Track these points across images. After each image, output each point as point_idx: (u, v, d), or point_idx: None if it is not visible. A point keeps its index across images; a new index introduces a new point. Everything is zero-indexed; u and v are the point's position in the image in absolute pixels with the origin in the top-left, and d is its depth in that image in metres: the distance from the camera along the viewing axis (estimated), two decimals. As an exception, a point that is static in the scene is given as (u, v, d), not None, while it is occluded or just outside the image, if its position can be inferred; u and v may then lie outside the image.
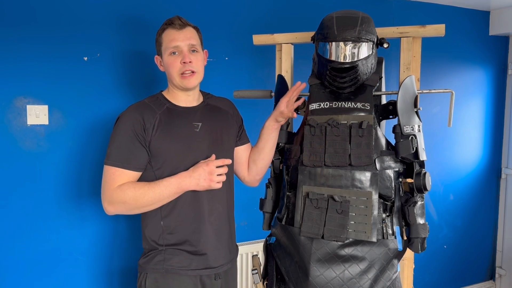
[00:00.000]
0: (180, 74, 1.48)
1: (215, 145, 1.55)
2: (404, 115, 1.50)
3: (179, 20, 1.49)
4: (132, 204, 1.41)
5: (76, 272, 2.00)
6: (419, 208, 1.48)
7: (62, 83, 1.91)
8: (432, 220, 3.02)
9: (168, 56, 1.48)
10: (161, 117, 1.48)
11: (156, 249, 1.49)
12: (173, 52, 1.48)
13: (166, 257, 1.48)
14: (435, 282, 3.11)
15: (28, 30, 1.83)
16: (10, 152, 1.85)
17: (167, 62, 1.49)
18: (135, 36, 2.04)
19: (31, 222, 1.90)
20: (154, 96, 1.56)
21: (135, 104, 1.52)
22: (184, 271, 1.48)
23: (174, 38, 1.47)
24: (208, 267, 1.51)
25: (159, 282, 1.48)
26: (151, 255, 1.50)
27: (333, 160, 1.45)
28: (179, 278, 1.48)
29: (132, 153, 1.43)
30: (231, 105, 1.71)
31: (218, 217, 1.54)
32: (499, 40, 3.15)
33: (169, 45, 1.47)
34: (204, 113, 1.58)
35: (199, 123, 1.54)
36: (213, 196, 1.52)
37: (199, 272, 1.49)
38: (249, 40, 1.84)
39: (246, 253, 2.35)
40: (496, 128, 3.24)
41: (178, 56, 1.48)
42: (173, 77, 1.49)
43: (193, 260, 1.49)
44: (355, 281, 1.41)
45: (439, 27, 1.58)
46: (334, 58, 1.45)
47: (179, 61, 1.48)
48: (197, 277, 1.49)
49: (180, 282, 1.48)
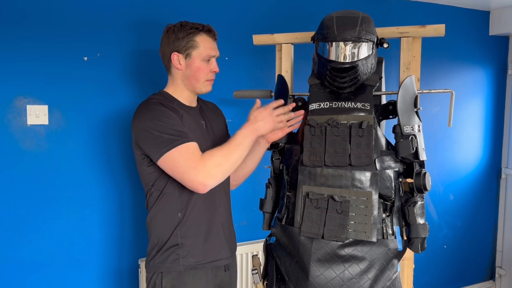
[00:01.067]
0: (207, 80, 1.56)
1: (217, 144, 1.57)
2: (404, 115, 1.50)
3: (214, 30, 1.56)
4: (225, 164, 1.42)
5: (76, 272, 2.00)
6: (419, 208, 1.48)
7: (62, 83, 1.91)
8: (432, 220, 3.02)
9: (201, 61, 1.53)
10: (178, 111, 1.51)
11: (171, 246, 1.50)
12: (208, 59, 1.54)
13: (181, 254, 1.50)
14: (435, 282, 3.11)
15: (28, 30, 1.83)
16: (10, 152, 1.85)
17: (199, 66, 1.53)
18: (136, 36, 2.04)
19: (31, 222, 1.90)
20: (159, 94, 1.58)
21: (152, 96, 1.54)
22: (200, 265, 1.51)
23: (213, 47, 1.56)
24: (220, 259, 1.57)
25: (176, 280, 1.50)
26: (165, 253, 1.50)
27: (333, 160, 1.45)
28: (196, 273, 1.51)
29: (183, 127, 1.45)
30: (217, 107, 1.79)
31: (225, 211, 1.62)
32: (499, 40, 3.15)
33: (208, 52, 1.53)
34: (204, 113, 1.64)
35: (203, 122, 1.60)
36: (220, 189, 1.57)
37: (213, 264, 1.54)
38: (249, 40, 1.84)
39: (246, 253, 2.35)
40: (496, 128, 3.24)
41: (210, 64, 1.56)
42: (198, 81, 1.54)
43: (208, 253, 1.53)
44: (355, 281, 1.41)
45: (439, 27, 1.58)
46: (334, 58, 1.45)
47: (209, 68, 1.55)
48: (213, 270, 1.55)
49: (197, 278, 1.51)
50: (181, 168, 1.39)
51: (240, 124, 2.30)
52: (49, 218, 1.93)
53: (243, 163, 1.66)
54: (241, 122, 2.27)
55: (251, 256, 2.34)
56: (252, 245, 2.37)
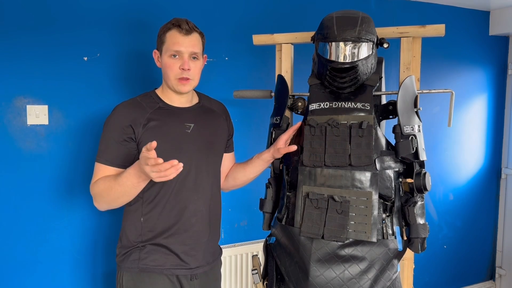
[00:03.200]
0: (176, 78, 1.48)
1: (205, 147, 1.56)
2: (404, 115, 1.50)
3: (187, 24, 1.47)
4: (105, 196, 1.43)
5: (76, 272, 2.00)
6: (419, 208, 1.48)
7: (62, 83, 1.91)
8: (432, 220, 3.02)
9: (168, 58, 1.48)
10: (152, 116, 1.49)
11: (133, 246, 1.50)
12: (174, 55, 1.47)
13: (141, 256, 1.49)
14: (435, 282, 3.11)
15: (28, 30, 1.83)
16: (10, 152, 1.85)
17: (166, 63, 1.49)
18: (135, 36, 2.04)
19: (31, 222, 1.90)
20: (148, 94, 1.57)
21: (126, 101, 1.54)
22: (159, 269, 1.48)
23: (178, 42, 1.46)
24: (183, 268, 1.51)
25: (135, 280, 1.49)
26: (127, 253, 1.50)
27: (333, 160, 1.45)
28: (154, 276, 1.48)
29: (117, 150, 1.46)
30: (225, 110, 1.73)
31: (199, 220, 1.53)
32: (499, 40, 3.15)
33: (172, 48, 1.47)
34: (197, 114, 1.58)
35: (191, 124, 1.54)
36: (199, 198, 1.53)
37: (174, 271, 1.50)
38: (249, 40, 1.84)
39: (246, 253, 2.35)
40: (496, 128, 3.24)
41: (178, 60, 1.47)
42: (169, 79, 1.50)
43: (168, 259, 1.49)
44: (355, 281, 1.41)
45: (439, 27, 1.58)
46: (334, 58, 1.45)
47: (178, 65, 1.47)
48: (173, 276, 1.50)
49: (155, 280, 1.48)
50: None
51: (239, 125, 2.31)
52: (49, 218, 1.93)
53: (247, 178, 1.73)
54: (241, 122, 2.30)
55: (251, 256, 2.34)
56: (252, 245, 2.37)
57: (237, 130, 2.22)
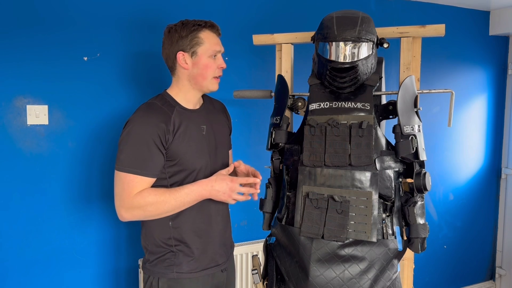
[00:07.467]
0: (213, 77, 1.53)
1: (217, 147, 1.59)
2: (404, 115, 1.50)
3: (217, 26, 1.54)
4: (152, 211, 1.41)
5: (76, 272, 2.00)
6: (419, 208, 1.48)
7: (62, 83, 1.91)
8: (432, 220, 3.02)
9: (208, 58, 1.50)
10: (175, 121, 1.47)
11: (166, 251, 1.50)
12: (214, 55, 1.51)
13: (175, 262, 1.50)
14: (435, 282, 3.11)
15: (28, 30, 1.83)
16: (10, 152, 1.85)
17: (206, 63, 1.50)
18: (136, 35, 2.04)
19: (31, 223, 1.90)
20: (161, 96, 1.54)
21: (147, 107, 1.49)
22: (193, 274, 1.52)
23: (218, 42, 1.53)
24: (215, 265, 1.57)
25: (172, 281, 1.50)
26: (160, 258, 1.51)
27: (333, 160, 1.45)
28: (190, 280, 1.52)
29: (149, 159, 1.42)
30: (224, 108, 1.77)
31: (223, 218, 1.62)
32: (499, 40, 3.15)
33: (213, 48, 1.50)
34: (206, 115, 1.61)
35: (204, 126, 1.57)
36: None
37: (208, 271, 1.55)
38: (249, 40, 1.84)
39: (246, 253, 2.35)
40: (496, 128, 3.24)
41: (216, 60, 1.52)
42: (205, 78, 1.51)
43: (202, 261, 1.53)
44: (355, 281, 1.41)
45: (439, 27, 1.58)
46: (334, 58, 1.45)
47: (216, 65, 1.52)
48: (208, 276, 1.55)
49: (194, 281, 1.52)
50: (116, 190, 1.44)
51: (239, 125, 2.30)
52: (49, 218, 1.93)
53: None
54: (240, 123, 2.30)
55: (251, 256, 2.34)
56: (252, 245, 2.37)
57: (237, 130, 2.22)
